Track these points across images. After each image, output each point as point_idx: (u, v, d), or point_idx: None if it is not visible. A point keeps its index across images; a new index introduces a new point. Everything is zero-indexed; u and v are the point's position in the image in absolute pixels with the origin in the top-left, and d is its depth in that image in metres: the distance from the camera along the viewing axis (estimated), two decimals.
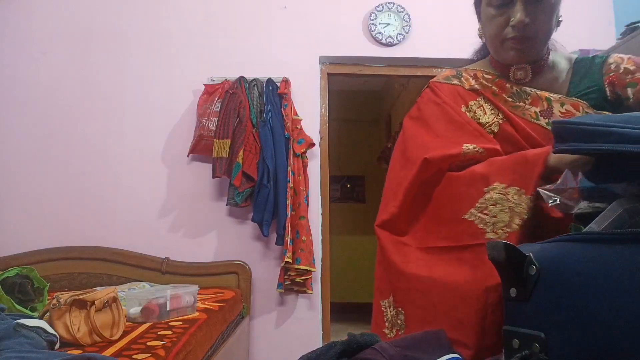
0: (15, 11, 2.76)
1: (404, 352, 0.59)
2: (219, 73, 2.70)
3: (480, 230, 0.81)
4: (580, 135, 0.56)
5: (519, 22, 0.86)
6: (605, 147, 0.53)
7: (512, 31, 0.89)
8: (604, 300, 0.45)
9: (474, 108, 0.95)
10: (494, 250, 0.58)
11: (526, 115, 0.92)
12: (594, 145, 0.54)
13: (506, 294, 0.59)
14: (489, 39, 0.96)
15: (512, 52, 0.91)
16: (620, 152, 0.51)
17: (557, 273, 0.52)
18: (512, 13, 0.87)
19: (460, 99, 0.98)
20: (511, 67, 0.96)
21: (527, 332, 0.54)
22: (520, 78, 0.96)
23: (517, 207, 0.78)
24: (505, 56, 0.94)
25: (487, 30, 0.95)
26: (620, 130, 0.52)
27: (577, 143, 0.57)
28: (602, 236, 0.51)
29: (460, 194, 0.88)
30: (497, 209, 0.80)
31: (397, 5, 2.78)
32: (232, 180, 2.45)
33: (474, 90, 0.98)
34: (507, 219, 0.78)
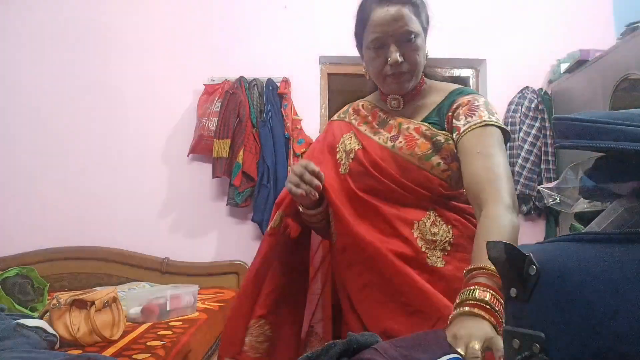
0: (15, 11, 2.76)
1: (404, 352, 0.59)
2: (219, 73, 2.69)
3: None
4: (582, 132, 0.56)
5: (394, 61, 1.00)
6: (606, 144, 0.53)
7: (389, 69, 1.02)
8: (605, 300, 0.45)
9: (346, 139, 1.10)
10: (494, 250, 0.58)
11: (381, 140, 1.04)
12: (595, 142, 0.54)
13: (506, 294, 0.59)
14: (372, 76, 1.09)
15: (393, 85, 1.05)
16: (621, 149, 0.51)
17: (558, 273, 0.52)
18: (388, 54, 1.01)
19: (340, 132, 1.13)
20: (388, 97, 1.10)
21: (528, 332, 0.54)
22: (394, 107, 1.10)
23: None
24: (387, 89, 1.07)
25: (370, 69, 1.08)
26: (622, 128, 0.52)
27: (577, 140, 0.57)
28: (602, 236, 0.51)
29: None
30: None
31: None
32: (232, 180, 2.45)
33: (350, 122, 1.14)
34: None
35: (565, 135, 0.59)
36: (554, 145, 0.74)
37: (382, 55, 1.03)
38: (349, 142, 1.08)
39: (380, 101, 1.14)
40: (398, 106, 1.09)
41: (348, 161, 1.05)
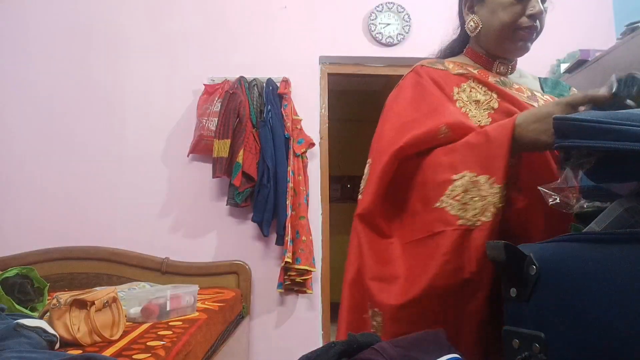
0: (15, 11, 2.76)
1: (404, 352, 0.59)
2: (219, 73, 2.70)
3: (453, 217, 0.80)
4: (582, 131, 0.56)
5: (539, 12, 0.90)
6: (606, 144, 0.53)
7: (528, 20, 0.92)
8: (604, 300, 0.45)
9: (467, 89, 0.96)
10: (494, 250, 0.58)
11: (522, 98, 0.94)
12: (596, 142, 0.54)
13: (506, 294, 0.59)
14: (497, 27, 0.95)
15: (521, 42, 0.95)
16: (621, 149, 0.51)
17: (557, 273, 0.52)
18: (530, 3, 0.91)
19: (450, 82, 0.98)
20: (495, 61, 1.00)
21: (528, 332, 0.54)
22: (501, 72, 1.00)
23: (490, 197, 0.77)
24: (510, 46, 0.96)
25: (499, 17, 0.94)
26: (623, 128, 0.52)
27: (578, 139, 0.57)
28: (602, 236, 0.51)
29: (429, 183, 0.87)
30: (469, 197, 0.79)
31: (397, 5, 2.78)
32: (232, 180, 2.45)
33: (461, 74, 1.00)
34: (480, 206, 0.77)
35: (565, 135, 0.59)
36: (554, 145, 0.73)
37: (521, 3, 0.91)
38: (475, 93, 0.95)
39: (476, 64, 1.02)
40: (505, 72, 1.00)
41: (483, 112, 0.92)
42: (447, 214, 0.80)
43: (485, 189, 0.78)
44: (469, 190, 0.80)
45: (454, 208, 0.80)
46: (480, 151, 0.82)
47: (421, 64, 1.05)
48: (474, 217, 0.77)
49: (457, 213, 0.79)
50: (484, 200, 0.77)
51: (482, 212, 0.77)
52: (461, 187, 0.80)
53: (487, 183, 0.78)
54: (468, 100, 0.95)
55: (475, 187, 0.79)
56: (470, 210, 0.78)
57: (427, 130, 0.89)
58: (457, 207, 0.80)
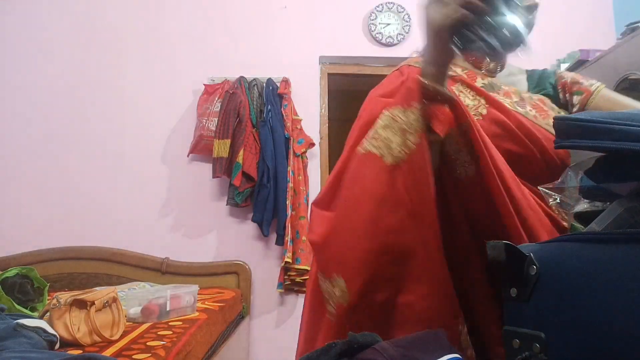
0: (15, 11, 2.76)
1: (404, 352, 0.59)
2: (219, 73, 2.70)
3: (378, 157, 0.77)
4: (583, 131, 0.56)
5: (534, 4, 0.88)
6: (608, 144, 0.53)
7: None
8: (605, 300, 0.45)
9: (456, 92, 0.91)
10: (494, 251, 0.58)
11: (507, 103, 0.91)
12: (597, 142, 0.54)
13: (506, 294, 0.59)
14: None
15: None
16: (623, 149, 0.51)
17: (558, 273, 0.52)
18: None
19: None
20: (484, 60, 0.97)
21: (528, 332, 0.54)
22: (491, 70, 0.98)
23: (406, 125, 0.75)
24: None
25: None
26: (623, 128, 0.52)
27: (578, 140, 0.57)
28: (602, 236, 0.51)
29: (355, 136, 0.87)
30: (389, 132, 0.77)
31: (397, 5, 2.78)
32: (232, 180, 2.45)
33: (450, 77, 0.95)
34: (400, 140, 0.75)
35: (566, 134, 0.59)
36: (554, 145, 0.72)
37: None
38: (463, 98, 0.91)
39: (465, 64, 0.99)
40: (494, 70, 0.98)
41: None
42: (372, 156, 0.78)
43: (402, 120, 0.76)
44: (387, 126, 0.78)
45: (376, 148, 0.78)
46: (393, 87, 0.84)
47: (408, 63, 1.00)
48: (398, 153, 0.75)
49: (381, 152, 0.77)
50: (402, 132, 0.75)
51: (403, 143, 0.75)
52: (380, 126, 0.79)
53: (402, 114, 0.76)
54: None
55: (393, 121, 0.77)
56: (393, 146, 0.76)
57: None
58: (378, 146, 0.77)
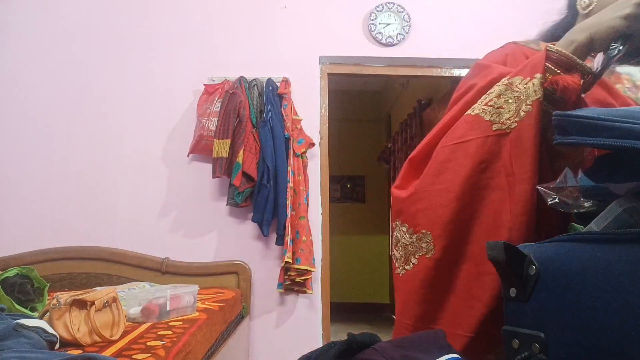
0: (15, 11, 2.76)
1: (404, 352, 0.60)
2: (219, 73, 2.70)
3: (487, 122, 0.78)
4: (583, 128, 0.56)
5: None
6: (608, 142, 0.53)
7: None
8: (604, 300, 0.45)
9: None
10: (493, 250, 0.58)
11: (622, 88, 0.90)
12: (598, 140, 0.54)
13: (506, 294, 0.59)
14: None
15: None
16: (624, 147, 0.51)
17: (557, 273, 0.52)
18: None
19: None
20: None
21: (527, 332, 0.54)
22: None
23: (522, 95, 0.74)
24: None
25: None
26: (625, 126, 0.52)
27: (578, 137, 0.57)
28: (601, 236, 0.51)
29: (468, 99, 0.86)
30: (502, 100, 0.77)
31: (397, 5, 2.78)
32: (232, 180, 2.45)
33: None
34: (514, 108, 0.75)
35: (566, 131, 0.59)
36: (554, 142, 0.71)
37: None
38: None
39: None
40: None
41: None
42: (481, 120, 0.78)
43: (519, 90, 0.75)
44: (502, 94, 0.77)
45: (487, 114, 0.78)
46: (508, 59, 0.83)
47: (514, 41, 1.01)
48: (509, 120, 0.75)
49: (491, 118, 0.77)
50: (517, 101, 0.74)
51: (516, 112, 0.74)
52: (494, 93, 0.78)
53: (522, 83, 0.75)
54: None
55: (509, 90, 0.77)
56: (504, 114, 0.76)
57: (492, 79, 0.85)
58: (490, 112, 0.77)
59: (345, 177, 5.68)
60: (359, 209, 5.56)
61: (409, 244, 0.85)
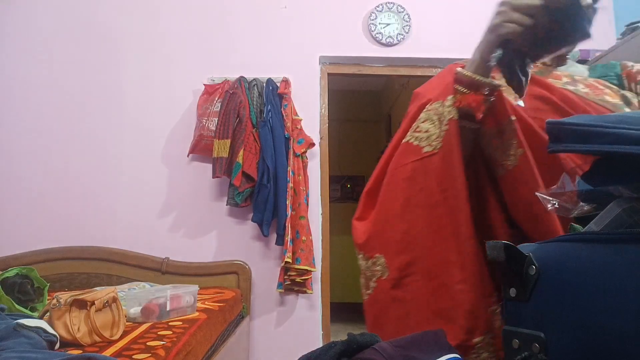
0: (15, 11, 2.76)
1: (403, 352, 0.60)
2: (219, 73, 2.70)
3: (417, 147, 0.84)
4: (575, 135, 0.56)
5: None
6: (600, 148, 0.53)
7: None
8: (604, 300, 0.45)
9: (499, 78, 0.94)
10: (493, 250, 0.58)
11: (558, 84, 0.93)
12: (590, 147, 0.54)
13: (506, 294, 0.59)
14: None
15: None
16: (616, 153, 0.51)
17: (557, 273, 0.52)
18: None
19: None
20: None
21: (527, 332, 0.54)
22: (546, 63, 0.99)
23: (441, 116, 0.81)
24: None
25: None
26: (616, 131, 0.52)
27: (572, 144, 0.57)
28: (601, 236, 0.51)
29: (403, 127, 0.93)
30: (427, 125, 0.84)
31: (397, 5, 2.78)
32: (232, 180, 2.45)
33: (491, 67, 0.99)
34: (437, 131, 0.81)
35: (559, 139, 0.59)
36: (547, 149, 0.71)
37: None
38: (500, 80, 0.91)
39: None
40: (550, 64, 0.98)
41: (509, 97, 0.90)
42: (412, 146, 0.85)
43: (439, 112, 0.82)
44: (427, 119, 0.85)
45: (417, 139, 0.85)
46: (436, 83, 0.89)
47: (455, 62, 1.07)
48: (435, 142, 0.81)
49: (420, 143, 0.84)
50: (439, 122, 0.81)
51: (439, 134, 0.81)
52: (421, 119, 0.86)
53: (440, 106, 0.82)
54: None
55: (432, 114, 0.84)
56: (431, 137, 0.82)
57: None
58: (418, 138, 0.85)
59: (345, 177, 5.68)
60: None
61: (366, 269, 0.90)
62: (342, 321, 3.90)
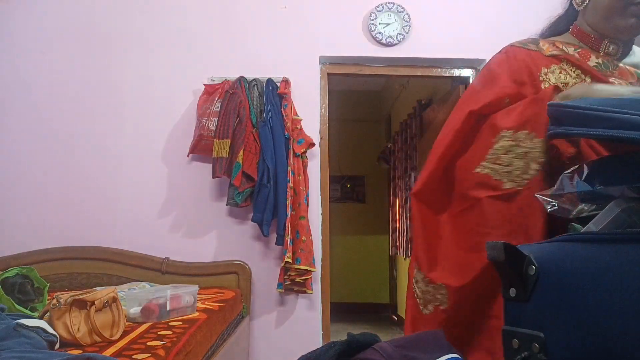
0: (15, 11, 2.76)
1: (403, 352, 0.60)
2: (219, 73, 2.70)
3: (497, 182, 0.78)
4: (576, 119, 0.56)
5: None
6: (601, 132, 0.52)
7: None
8: (603, 300, 0.45)
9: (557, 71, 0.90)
10: (493, 250, 0.58)
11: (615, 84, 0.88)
12: (591, 130, 0.54)
13: (506, 294, 0.59)
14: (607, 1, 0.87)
15: (633, 19, 0.86)
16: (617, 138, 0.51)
17: (557, 273, 0.52)
18: None
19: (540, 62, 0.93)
20: (604, 40, 0.92)
21: (527, 332, 0.54)
22: (610, 53, 0.92)
23: (531, 152, 0.75)
24: (620, 23, 0.88)
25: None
26: (619, 116, 0.52)
27: (573, 127, 0.56)
28: (601, 236, 0.51)
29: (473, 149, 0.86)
30: (510, 157, 0.77)
31: (397, 5, 2.78)
32: (232, 180, 2.45)
33: (554, 56, 0.94)
34: (522, 165, 0.75)
35: (560, 122, 0.58)
36: (547, 133, 0.71)
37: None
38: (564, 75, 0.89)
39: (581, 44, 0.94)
40: (615, 53, 0.92)
41: None
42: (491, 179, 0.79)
43: (526, 146, 0.76)
44: (509, 150, 0.78)
45: (497, 172, 0.79)
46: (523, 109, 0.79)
47: (512, 44, 1.01)
48: (518, 178, 0.76)
49: (500, 177, 0.78)
50: (525, 158, 0.75)
51: (525, 170, 0.75)
52: (501, 150, 0.79)
53: (527, 139, 0.76)
54: (556, 81, 0.89)
55: (516, 146, 0.77)
56: (514, 171, 0.76)
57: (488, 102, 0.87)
58: (499, 170, 0.78)
59: (345, 177, 5.68)
60: (359, 209, 5.56)
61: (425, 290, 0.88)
62: (342, 321, 3.90)
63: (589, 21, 0.94)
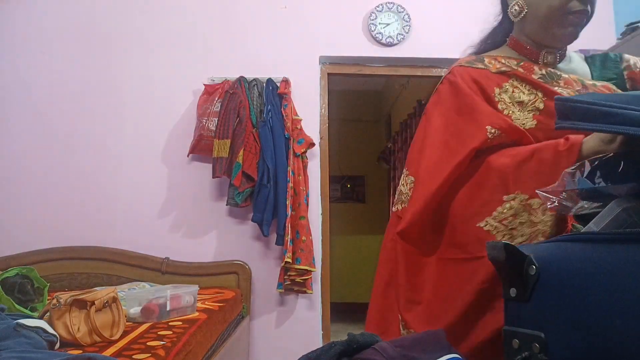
0: (15, 11, 2.76)
1: (403, 352, 0.59)
2: (219, 73, 2.70)
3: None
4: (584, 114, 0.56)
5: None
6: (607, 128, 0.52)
7: (579, 4, 0.86)
8: (604, 300, 0.45)
9: (509, 89, 0.89)
10: (493, 250, 0.58)
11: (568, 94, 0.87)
12: (596, 125, 0.54)
13: (506, 294, 0.59)
14: (545, 11, 0.88)
15: (571, 28, 0.88)
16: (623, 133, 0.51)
17: (557, 273, 0.52)
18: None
19: (491, 82, 0.92)
20: (541, 51, 0.92)
21: (527, 332, 0.54)
22: (549, 63, 0.93)
23: (541, 225, 0.72)
24: (558, 32, 0.89)
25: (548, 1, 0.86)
26: (624, 112, 0.51)
27: (579, 122, 0.56)
28: (601, 236, 0.51)
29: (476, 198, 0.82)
30: (517, 222, 0.74)
31: (397, 5, 2.78)
32: (232, 180, 2.45)
33: (502, 72, 0.93)
34: (528, 233, 0.73)
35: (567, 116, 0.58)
36: (555, 126, 0.69)
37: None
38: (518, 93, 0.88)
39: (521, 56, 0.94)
40: (554, 62, 0.92)
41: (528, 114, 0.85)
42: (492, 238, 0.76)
43: (538, 216, 0.72)
44: (518, 214, 0.74)
45: (500, 233, 0.75)
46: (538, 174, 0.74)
47: (459, 63, 0.99)
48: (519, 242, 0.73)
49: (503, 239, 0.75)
50: (533, 227, 0.72)
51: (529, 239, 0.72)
52: (511, 211, 0.75)
53: (541, 209, 0.72)
54: (511, 101, 0.88)
55: (525, 212, 0.74)
56: (517, 237, 0.73)
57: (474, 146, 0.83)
58: (503, 231, 0.75)
59: (345, 177, 5.68)
60: (359, 209, 5.56)
61: None
62: (342, 321, 3.90)
63: (527, 31, 0.93)
